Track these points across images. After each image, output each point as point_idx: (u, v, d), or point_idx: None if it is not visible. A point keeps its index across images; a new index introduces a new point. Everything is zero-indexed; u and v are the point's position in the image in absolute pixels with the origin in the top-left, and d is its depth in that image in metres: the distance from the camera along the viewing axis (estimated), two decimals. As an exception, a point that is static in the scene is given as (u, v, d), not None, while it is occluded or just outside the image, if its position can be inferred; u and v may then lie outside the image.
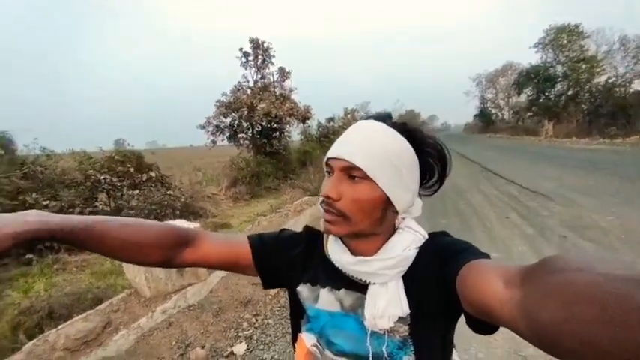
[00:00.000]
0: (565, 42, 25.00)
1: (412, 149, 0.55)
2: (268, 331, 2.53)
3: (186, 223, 3.14)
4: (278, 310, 2.83)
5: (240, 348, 2.30)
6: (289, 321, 0.69)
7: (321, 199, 0.55)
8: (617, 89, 21.51)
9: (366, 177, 0.52)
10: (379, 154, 0.52)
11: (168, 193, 6.45)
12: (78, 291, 3.14)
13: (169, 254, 0.58)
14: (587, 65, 23.63)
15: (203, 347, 2.21)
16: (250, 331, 2.54)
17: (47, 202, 5.08)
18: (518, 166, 10.79)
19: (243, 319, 2.69)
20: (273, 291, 3.13)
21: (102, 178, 5.89)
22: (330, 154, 0.55)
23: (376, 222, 0.55)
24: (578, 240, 3.97)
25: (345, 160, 0.52)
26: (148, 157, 8.13)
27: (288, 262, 0.64)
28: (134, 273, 2.62)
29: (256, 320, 2.69)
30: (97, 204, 5.93)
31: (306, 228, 0.69)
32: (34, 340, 2.08)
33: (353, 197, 0.52)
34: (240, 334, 2.51)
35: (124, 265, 2.80)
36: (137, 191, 6.13)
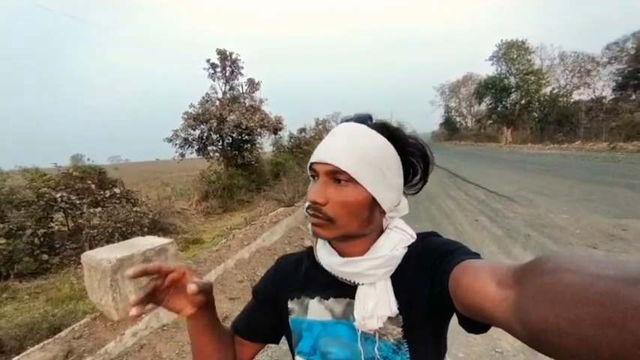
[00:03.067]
0: (515, 56, 27.40)
1: (394, 148, 0.56)
2: (249, 347, 2.43)
3: (157, 240, 2.97)
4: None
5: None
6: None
7: (307, 204, 0.54)
8: (560, 99, 23.82)
9: (351, 179, 0.52)
10: (362, 156, 0.52)
11: (134, 209, 6.07)
12: (31, 321, 2.85)
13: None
14: (535, 77, 26.04)
15: None
16: (230, 348, 2.42)
17: (-7, 223, 4.60)
18: (483, 171, 11.49)
19: (222, 337, 2.56)
20: (251, 305, 3.02)
21: (58, 196, 5.43)
22: (314, 158, 0.55)
23: (364, 223, 0.55)
24: (540, 238, 4.24)
25: (329, 164, 0.52)
26: (111, 173, 7.66)
27: (274, 304, 0.65)
28: (100, 295, 2.41)
29: (235, 337, 2.57)
30: (52, 224, 5.45)
31: (279, 258, 0.71)
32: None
33: (339, 200, 0.52)
34: (218, 353, 2.38)
35: (88, 286, 2.57)
36: (99, 209, 5.71)
